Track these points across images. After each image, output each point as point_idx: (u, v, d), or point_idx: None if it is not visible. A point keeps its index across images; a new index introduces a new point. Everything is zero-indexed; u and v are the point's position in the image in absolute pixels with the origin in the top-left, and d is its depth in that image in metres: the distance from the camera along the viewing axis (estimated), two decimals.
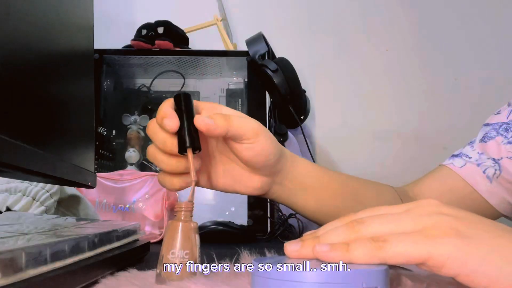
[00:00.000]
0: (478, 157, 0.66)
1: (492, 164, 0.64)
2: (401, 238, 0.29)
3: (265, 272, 0.28)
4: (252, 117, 0.44)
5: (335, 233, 0.33)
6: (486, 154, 0.65)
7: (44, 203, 0.64)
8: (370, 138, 1.43)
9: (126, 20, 1.38)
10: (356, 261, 0.29)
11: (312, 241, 0.32)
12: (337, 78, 1.46)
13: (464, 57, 1.45)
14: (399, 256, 0.29)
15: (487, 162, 0.65)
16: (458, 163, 0.66)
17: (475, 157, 0.66)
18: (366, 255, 0.29)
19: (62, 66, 0.48)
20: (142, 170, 1.09)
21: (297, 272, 0.27)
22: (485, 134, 0.67)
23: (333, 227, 0.34)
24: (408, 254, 0.29)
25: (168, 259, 0.35)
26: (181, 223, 0.36)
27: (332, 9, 1.47)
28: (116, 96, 1.21)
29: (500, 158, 0.64)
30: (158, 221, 0.83)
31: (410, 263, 0.29)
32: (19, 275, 0.24)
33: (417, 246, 0.29)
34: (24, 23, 0.37)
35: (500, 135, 0.66)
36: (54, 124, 0.45)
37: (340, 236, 0.32)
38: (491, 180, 0.64)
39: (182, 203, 0.36)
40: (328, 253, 0.30)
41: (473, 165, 0.65)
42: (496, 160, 0.64)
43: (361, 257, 0.29)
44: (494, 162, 0.64)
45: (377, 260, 0.29)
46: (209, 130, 0.40)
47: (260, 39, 1.08)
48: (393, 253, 0.29)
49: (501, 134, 0.66)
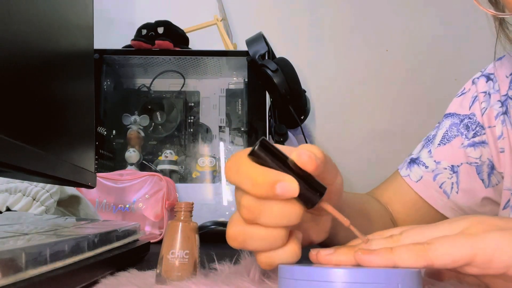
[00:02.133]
0: (435, 166, 0.63)
1: (449, 175, 0.62)
2: (444, 240, 0.28)
3: (293, 273, 0.27)
4: (252, 117, 0.43)
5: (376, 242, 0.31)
6: (444, 162, 0.63)
7: (44, 203, 0.64)
8: (370, 138, 1.43)
9: (126, 20, 1.38)
10: (401, 264, 0.28)
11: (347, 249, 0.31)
12: (337, 78, 1.45)
13: (464, 57, 1.45)
14: (445, 257, 0.28)
15: (444, 173, 0.62)
16: (415, 175, 0.64)
17: (432, 167, 0.63)
18: (411, 257, 0.28)
19: (62, 66, 0.48)
20: (142, 170, 1.09)
21: (327, 270, 0.26)
22: (445, 133, 0.64)
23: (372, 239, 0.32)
24: (454, 253, 0.28)
25: (168, 259, 0.35)
26: (181, 223, 0.36)
27: (332, 9, 1.47)
28: (116, 96, 1.21)
29: (460, 164, 0.62)
30: (158, 221, 0.83)
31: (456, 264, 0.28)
32: (19, 275, 0.24)
33: (462, 244, 0.28)
34: (24, 23, 0.37)
35: (461, 134, 0.62)
36: (54, 124, 0.45)
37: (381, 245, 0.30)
38: (449, 194, 0.62)
39: (182, 203, 0.36)
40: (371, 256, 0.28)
41: (429, 177, 0.63)
42: (454, 167, 0.62)
43: (406, 259, 0.28)
44: (452, 173, 0.62)
45: (423, 262, 0.28)
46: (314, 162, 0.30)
47: (260, 39, 1.08)
48: (439, 254, 0.28)
49: (462, 133, 0.62)
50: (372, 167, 1.40)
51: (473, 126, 0.62)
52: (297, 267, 0.27)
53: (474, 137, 0.61)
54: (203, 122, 1.21)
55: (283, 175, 0.29)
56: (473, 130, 0.61)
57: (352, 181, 1.40)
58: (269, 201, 0.29)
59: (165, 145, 1.17)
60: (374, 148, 1.42)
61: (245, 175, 0.29)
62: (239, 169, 0.30)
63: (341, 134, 1.43)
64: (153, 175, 0.87)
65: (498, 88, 0.61)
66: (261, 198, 0.29)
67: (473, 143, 0.61)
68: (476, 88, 0.63)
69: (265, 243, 0.30)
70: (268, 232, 0.30)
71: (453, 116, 0.65)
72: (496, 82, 0.61)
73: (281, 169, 0.29)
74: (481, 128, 0.61)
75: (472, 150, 0.61)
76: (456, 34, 1.46)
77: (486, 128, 0.61)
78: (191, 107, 1.22)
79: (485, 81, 0.63)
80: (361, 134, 1.43)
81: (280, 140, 1.12)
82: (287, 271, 0.28)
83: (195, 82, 1.24)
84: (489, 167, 0.61)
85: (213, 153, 1.18)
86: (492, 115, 0.60)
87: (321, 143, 1.43)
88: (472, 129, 0.62)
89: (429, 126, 1.42)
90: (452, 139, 0.63)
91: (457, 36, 1.46)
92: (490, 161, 0.60)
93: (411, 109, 1.44)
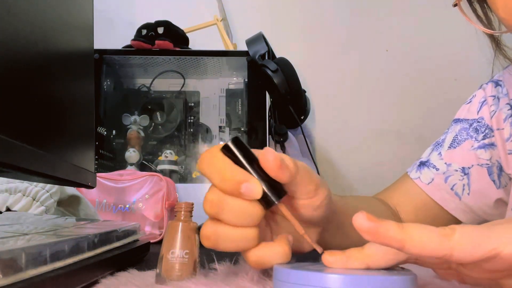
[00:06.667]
0: (446, 169, 0.63)
1: (461, 177, 0.62)
2: (469, 228, 0.26)
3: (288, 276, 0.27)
4: (252, 117, 0.43)
5: None
6: (454, 165, 0.63)
7: (44, 203, 0.64)
8: (370, 138, 1.43)
9: (126, 20, 1.38)
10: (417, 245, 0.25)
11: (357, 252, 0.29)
12: (337, 78, 1.45)
13: (464, 57, 1.45)
14: (468, 247, 0.25)
15: (455, 175, 0.62)
16: (426, 178, 0.64)
17: (443, 169, 0.63)
18: (431, 241, 0.25)
19: (62, 66, 0.48)
20: (142, 170, 1.09)
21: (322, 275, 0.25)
22: (455, 137, 0.65)
23: None
24: (478, 242, 0.25)
25: (168, 259, 0.35)
26: (181, 223, 0.36)
27: (332, 9, 1.47)
28: (116, 96, 1.21)
29: (471, 166, 0.62)
30: (158, 221, 0.83)
31: (480, 257, 0.25)
32: (19, 275, 0.24)
33: (486, 235, 0.26)
34: (24, 23, 0.37)
35: (470, 137, 0.63)
36: (54, 124, 0.45)
37: None
38: (460, 196, 0.62)
39: (182, 203, 0.36)
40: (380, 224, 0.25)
41: (440, 179, 0.63)
42: (465, 169, 0.62)
43: (424, 241, 0.25)
44: (463, 175, 0.62)
45: (442, 250, 0.25)
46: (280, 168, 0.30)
47: (260, 39, 1.08)
48: (462, 241, 0.25)
49: (471, 136, 0.63)
50: (372, 167, 1.40)
51: (482, 128, 0.63)
52: (293, 270, 0.27)
53: (484, 139, 0.62)
54: (203, 122, 1.21)
55: (249, 176, 0.30)
56: (483, 133, 0.63)
57: (352, 181, 1.40)
58: (232, 198, 0.31)
59: (165, 145, 1.17)
60: (374, 148, 1.42)
61: (216, 168, 0.31)
62: (211, 161, 0.31)
63: (341, 134, 1.43)
64: (153, 175, 0.87)
65: (506, 92, 0.63)
66: (226, 194, 0.31)
67: (483, 145, 0.62)
68: (485, 93, 0.65)
69: (234, 243, 0.31)
70: (236, 231, 0.31)
71: (462, 122, 0.66)
72: (504, 87, 0.63)
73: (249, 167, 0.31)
74: (490, 131, 0.62)
75: (482, 151, 0.62)
76: (456, 34, 1.46)
77: (495, 130, 0.62)
78: (191, 107, 1.22)
79: (494, 86, 0.65)
80: (361, 134, 1.43)
81: (280, 140, 1.12)
82: (282, 273, 0.27)
83: (195, 82, 1.24)
84: (498, 168, 0.62)
85: None
86: (501, 118, 0.61)
87: (321, 143, 1.43)
88: (481, 131, 0.63)
89: (429, 126, 1.43)
90: (462, 142, 0.64)
91: (457, 36, 1.46)
92: (498, 163, 0.61)
93: (411, 109, 1.44)
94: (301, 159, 1.18)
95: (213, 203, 0.31)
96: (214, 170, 0.31)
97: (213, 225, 0.32)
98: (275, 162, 0.30)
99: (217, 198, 0.31)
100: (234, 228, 0.31)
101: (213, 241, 0.32)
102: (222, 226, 0.31)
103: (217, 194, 0.31)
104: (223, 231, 0.31)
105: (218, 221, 0.32)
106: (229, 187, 0.30)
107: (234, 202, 0.31)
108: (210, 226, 0.32)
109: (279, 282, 0.28)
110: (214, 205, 0.31)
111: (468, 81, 1.44)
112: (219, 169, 0.31)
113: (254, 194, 0.30)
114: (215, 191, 0.31)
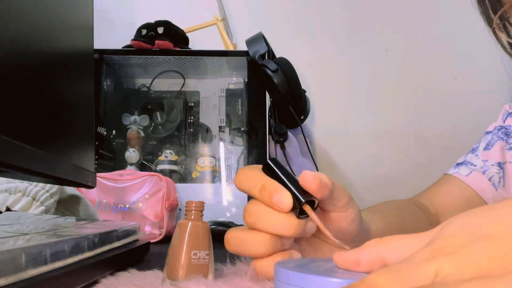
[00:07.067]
0: (483, 164, 0.66)
1: (497, 170, 0.65)
2: None
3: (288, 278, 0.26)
4: (252, 117, 0.43)
5: None
6: (491, 160, 0.66)
7: (44, 203, 0.64)
8: (370, 138, 1.43)
9: (126, 20, 1.38)
10: None
11: None
12: (337, 78, 1.46)
13: (464, 57, 1.45)
14: None
15: (492, 168, 0.65)
16: (464, 171, 0.66)
17: (480, 164, 0.66)
18: None
19: (62, 66, 0.48)
20: (142, 170, 1.09)
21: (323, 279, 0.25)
22: (489, 142, 0.68)
23: None
24: None
25: (190, 260, 0.34)
26: (201, 223, 0.35)
27: (332, 9, 1.47)
28: (116, 96, 1.21)
29: (504, 162, 0.65)
30: (158, 221, 0.83)
31: None
32: (19, 275, 0.24)
33: None
34: (24, 23, 0.37)
35: (501, 139, 0.67)
36: (54, 124, 0.45)
37: None
38: (497, 187, 0.64)
39: (193, 202, 0.36)
40: None
41: (478, 172, 0.65)
42: (501, 164, 0.65)
43: None
44: (499, 168, 0.65)
45: None
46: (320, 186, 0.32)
47: (260, 39, 1.08)
48: None
49: (502, 138, 0.67)
50: (372, 167, 1.40)
51: (511, 134, 0.67)
52: (294, 272, 0.26)
53: None
54: (203, 122, 1.21)
55: (283, 189, 0.32)
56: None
57: (352, 181, 1.40)
58: (269, 209, 0.33)
59: (165, 145, 1.17)
60: (374, 148, 1.42)
61: (255, 181, 0.34)
62: (252, 176, 0.34)
63: (341, 134, 1.43)
64: (153, 175, 0.87)
65: None
66: (263, 204, 0.33)
67: None
68: (509, 108, 0.70)
69: (256, 248, 0.33)
70: (261, 237, 0.33)
71: (492, 132, 0.70)
72: None
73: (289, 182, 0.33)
74: None
75: None
76: (456, 34, 1.46)
77: None
78: (191, 107, 1.22)
79: None
80: (361, 134, 1.43)
81: (280, 140, 1.12)
82: (283, 274, 0.27)
83: (195, 82, 1.24)
84: None
85: (213, 153, 1.18)
86: None
87: (321, 143, 1.43)
88: (511, 136, 0.67)
89: (429, 126, 1.43)
90: (495, 143, 0.68)
91: (457, 36, 1.46)
92: None
93: (411, 109, 1.44)
94: (301, 159, 1.18)
95: (251, 212, 0.33)
96: (255, 182, 0.34)
97: (239, 231, 0.34)
98: (314, 180, 0.32)
99: (256, 208, 0.33)
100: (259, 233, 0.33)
101: (236, 245, 0.34)
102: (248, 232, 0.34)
103: (255, 205, 0.34)
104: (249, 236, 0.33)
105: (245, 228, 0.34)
106: (265, 197, 0.33)
107: (272, 212, 0.33)
108: (235, 231, 0.34)
109: (279, 283, 0.28)
110: (252, 214, 0.33)
111: (468, 81, 1.45)
112: (258, 181, 0.33)
113: (283, 206, 0.32)
114: (254, 202, 0.34)
